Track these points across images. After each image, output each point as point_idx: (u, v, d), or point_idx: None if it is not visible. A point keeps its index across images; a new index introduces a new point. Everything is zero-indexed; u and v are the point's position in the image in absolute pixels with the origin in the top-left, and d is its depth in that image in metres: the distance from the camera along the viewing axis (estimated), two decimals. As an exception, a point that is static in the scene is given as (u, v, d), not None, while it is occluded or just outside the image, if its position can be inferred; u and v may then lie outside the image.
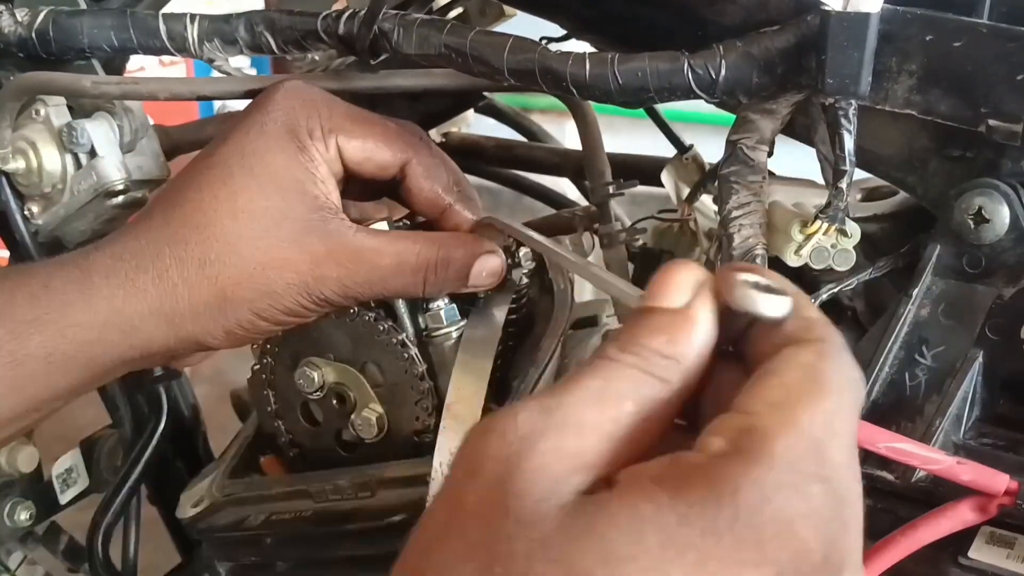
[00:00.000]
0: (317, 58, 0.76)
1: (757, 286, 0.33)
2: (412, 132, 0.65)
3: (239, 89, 0.66)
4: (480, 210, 0.66)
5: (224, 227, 0.59)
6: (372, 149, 0.62)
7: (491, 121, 0.99)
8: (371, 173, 0.63)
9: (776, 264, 0.55)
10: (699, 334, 0.33)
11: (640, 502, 0.30)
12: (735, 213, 0.53)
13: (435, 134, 0.92)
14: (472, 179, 0.85)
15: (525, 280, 0.70)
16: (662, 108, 0.82)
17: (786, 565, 0.29)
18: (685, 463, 0.31)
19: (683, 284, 0.34)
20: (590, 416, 0.32)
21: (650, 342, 0.33)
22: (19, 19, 0.68)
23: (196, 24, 0.66)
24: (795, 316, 0.34)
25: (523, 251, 0.69)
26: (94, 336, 0.58)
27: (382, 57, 0.63)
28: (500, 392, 0.66)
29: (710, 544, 0.29)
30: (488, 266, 0.63)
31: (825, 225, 0.52)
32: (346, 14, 0.62)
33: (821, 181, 0.56)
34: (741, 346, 0.35)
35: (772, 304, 0.33)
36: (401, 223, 0.68)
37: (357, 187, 0.65)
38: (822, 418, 0.31)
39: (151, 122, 0.73)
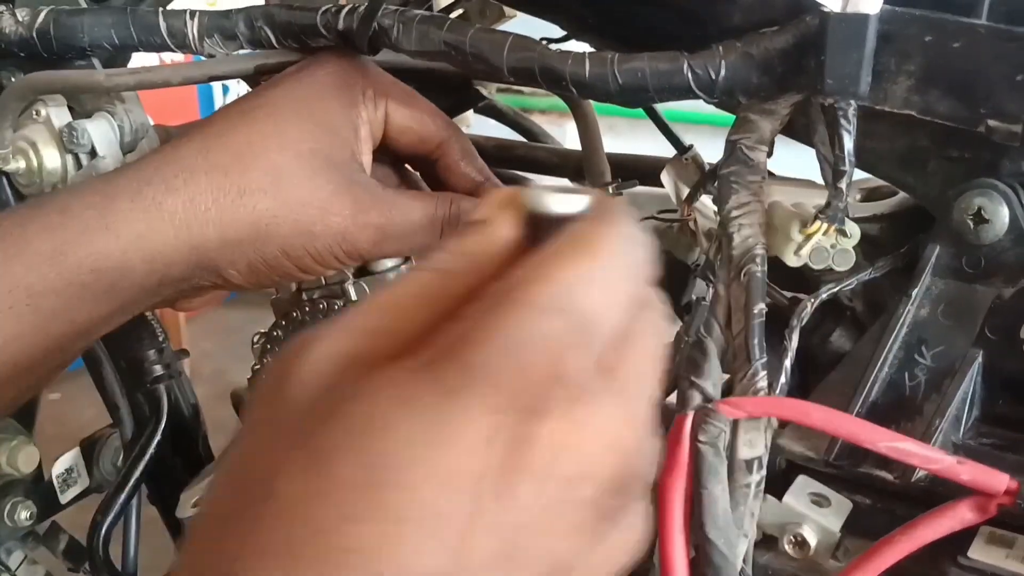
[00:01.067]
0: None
1: (553, 190, 0.35)
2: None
3: (250, 66, 0.66)
4: None
5: (270, 160, 0.58)
6: (419, 119, 0.63)
7: (491, 121, 0.98)
8: (410, 143, 0.64)
9: (776, 264, 0.55)
10: (489, 233, 0.35)
11: (387, 368, 0.30)
12: (735, 213, 0.53)
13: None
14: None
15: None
16: (662, 108, 0.82)
17: (516, 387, 0.29)
18: (437, 330, 0.31)
19: (491, 203, 0.36)
20: (372, 320, 0.32)
21: (446, 246, 0.35)
22: (20, 19, 0.68)
23: (196, 20, 0.66)
24: (590, 209, 0.34)
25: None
26: (114, 263, 0.56)
27: (381, 53, 0.63)
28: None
29: (442, 387, 0.29)
30: None
31: (824, 225, 0.52)
32: (345, 9, 0.62)
33: (821, 181, 0.56)
34: None
35: (565, 202, 0.35)
36: None
37: (386, 161, 0.66)
38: (576, 268, 0.31)
39: (151, 122, 0.73)
